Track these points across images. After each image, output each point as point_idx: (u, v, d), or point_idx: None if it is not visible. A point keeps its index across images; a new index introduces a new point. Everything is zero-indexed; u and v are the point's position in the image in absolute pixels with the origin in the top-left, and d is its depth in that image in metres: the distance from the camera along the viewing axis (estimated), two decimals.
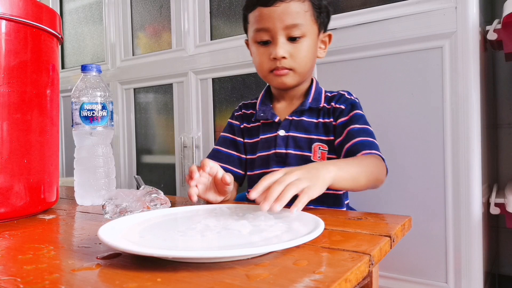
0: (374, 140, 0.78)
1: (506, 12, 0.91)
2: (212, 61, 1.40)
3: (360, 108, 0.83)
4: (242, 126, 0.92)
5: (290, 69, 0.81)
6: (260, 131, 0.89)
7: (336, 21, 1.12)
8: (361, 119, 0.81)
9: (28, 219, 0.69)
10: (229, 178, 0.71)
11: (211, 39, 1.44)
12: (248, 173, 0.90)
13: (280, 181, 0.55)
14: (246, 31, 0.87)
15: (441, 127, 0.98)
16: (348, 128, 0.79)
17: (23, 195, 0.68)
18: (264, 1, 0.78)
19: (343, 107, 0.82)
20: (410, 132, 1.02)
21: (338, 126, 0.81)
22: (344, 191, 0.85)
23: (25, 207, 0.68)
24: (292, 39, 0.79)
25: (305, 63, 0.81)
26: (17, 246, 0.50)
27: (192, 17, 1.46)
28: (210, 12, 1.44)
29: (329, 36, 0.87)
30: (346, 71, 1.12)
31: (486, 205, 1.03)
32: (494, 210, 0.97)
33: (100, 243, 0.49)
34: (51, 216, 0.71)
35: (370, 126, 0.81)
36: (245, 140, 0.91)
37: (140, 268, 0.39)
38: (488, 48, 1.15)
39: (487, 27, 1.00)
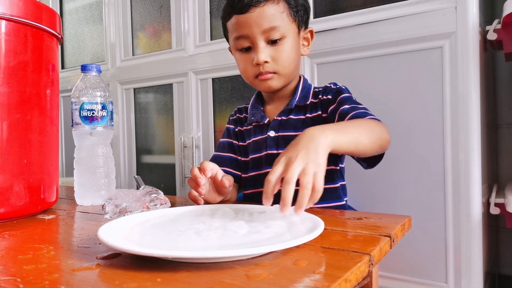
0: (367, 111, 0.76)
1: (506, 12, 0.91)
2: (212, 61, 1.40)
3: (347, 92, 0.82)
4: (236, 130, 0.93)
5: (274, 73, 0.81)
6: (252, 133, 0.89)
7: (336, 21, 1.12)
8: (349, 99, 0.80)
9: (28, 219, 0.69)
10: (227, 182, 0.70)
11: (211, 39, 1.44)
12: (242, 175, 0.90)
13: (288, 181, 0.51)
14: (227, 40, 0.87)
15: (441, 127, 0.98)
16: (339, 111, 0.78)
17: (23, 195, 0.68)
18: (238, 9, 0.78)
19: (330, 97, 0.82)
20: (410, 132, 1.02)
21: (330, 115, 0.81)
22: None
23: (25, 207, 0.68)
24: (272, 42, 0.79)
25: (289, 64, 0.81)
26: (17, 246, 0.50)
27: (192, 17, 1.46)
28: (210, 12, 1.44)
29: (311, 32, 0.86)
30: (346, 71, 1.12)
31: (486, 205, 1.03)
32: (494, 210, 0.97)
33: (100, 243, 0.49)
34: (51, 216, 0.70)
35: (360, 104, 0.79)
36: (239, 143, 0.92)
37: (140, 268, 0.39)
38: (488, 48, 1.15)
39: (487, 27, 1.00)
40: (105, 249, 0.46)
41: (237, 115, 0.95)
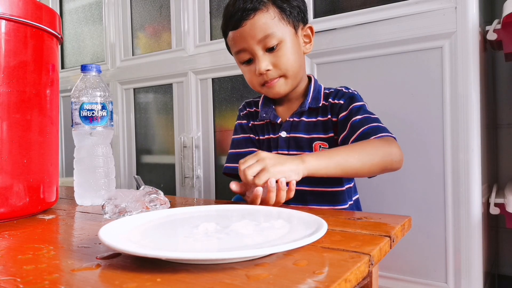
0: (380, 124, 0.77)
1: (506, 12, 0.91)
2: (212, 61, 1.40)
3: (360, 99, 0.82)
4: (250, 125, 0.93)
5: (280, 76, 0.81)
6: (264, 131, 0.90)
7: (336, 21, 1.12)
8: (361, 109, 0.80)
9: (28, 219, 0.69)
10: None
11: (211, 39, 1.44)
12: None
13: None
14: (232, 54, 0.88)
15: (441, 127, 0.98)
16: (350, 122, 0.78)
17: (22, 195, 0.68)
18: (232, 25, 0.80)
19: (342, 102, 0.82)
20: (410, 132, 1.02)
21: (340, 121, 0.81)
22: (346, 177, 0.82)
23: (25, 207, 0.68)
24: (270, 49, 0.79)
25: (291, 67, 0.81)
26: (16, 246, 0.50)
27: (192, 17, 1.46)
28: (210, 12, 1.44)
29: (310, 28, 0.86)
30: (346, 71, 1.12)
31: (486, 205, 1.03)
32: (494, 210, 0.97)
33: (99, 243, 0.49)
34: (50, 216, 0.70)
35: (373, 114, 0.79)
36: (258, 137, 0.92)
37: (140, 268, 0.39)
38: (488, 48, 1.15)
39: (487, 27, 1.00)
40: (105, 249, 0.46)
41: (247, 109, 0.95)
